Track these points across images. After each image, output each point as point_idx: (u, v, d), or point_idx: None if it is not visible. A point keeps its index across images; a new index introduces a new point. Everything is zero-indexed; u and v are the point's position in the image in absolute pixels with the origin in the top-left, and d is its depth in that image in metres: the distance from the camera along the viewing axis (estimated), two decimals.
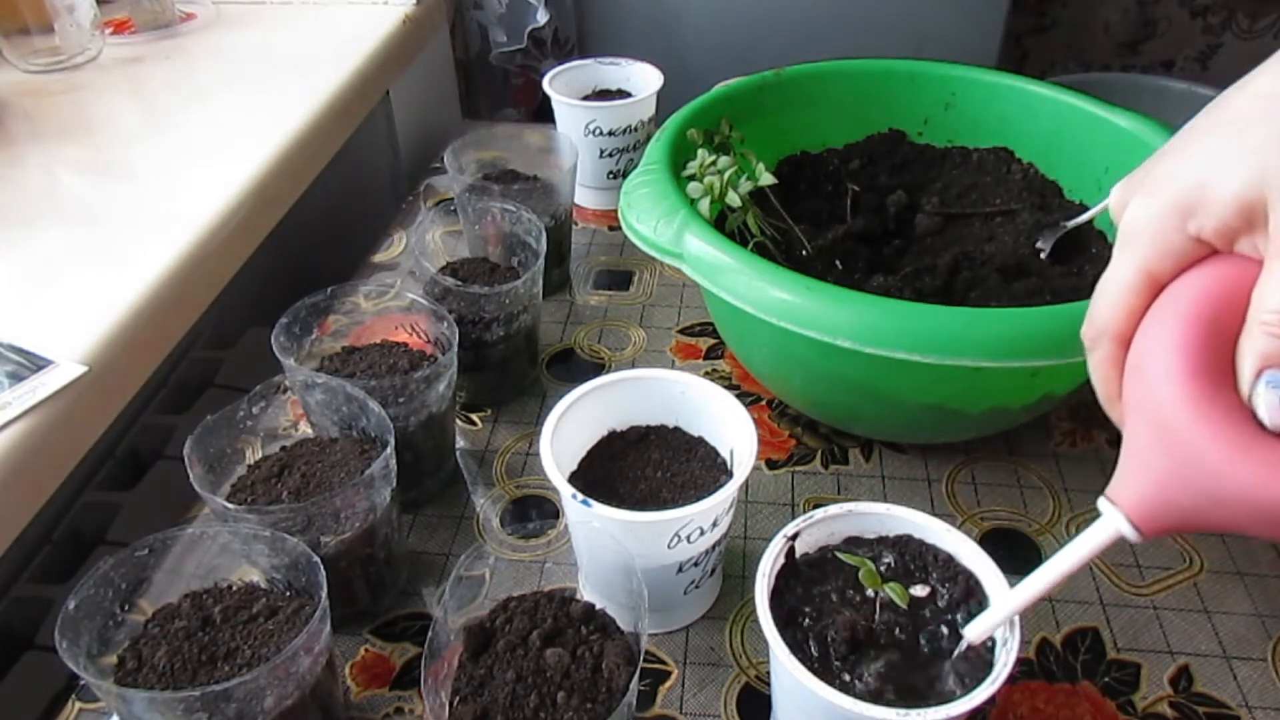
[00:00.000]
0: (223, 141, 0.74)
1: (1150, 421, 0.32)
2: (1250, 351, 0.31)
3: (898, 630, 0.41)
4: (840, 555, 0.43)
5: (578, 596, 0.45)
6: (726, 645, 0.51)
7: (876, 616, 0.41)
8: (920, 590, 0.42)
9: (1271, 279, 0.30)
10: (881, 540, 0.45)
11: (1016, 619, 0.39)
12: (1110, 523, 0.33)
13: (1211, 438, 0.30)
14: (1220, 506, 0.30)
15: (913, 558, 0.44)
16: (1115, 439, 0.63)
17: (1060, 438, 0.64)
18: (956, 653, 0.40)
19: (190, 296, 0.62)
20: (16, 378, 0.51)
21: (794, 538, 0.43)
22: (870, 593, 0.42)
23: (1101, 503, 0.34)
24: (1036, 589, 0.37)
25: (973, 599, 0.42)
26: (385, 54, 0.91)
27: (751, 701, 0.48)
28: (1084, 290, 0.60)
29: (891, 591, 0.40)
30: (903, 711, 0.36)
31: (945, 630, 0.41)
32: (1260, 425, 0.30)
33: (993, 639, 0.41)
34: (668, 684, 0.49)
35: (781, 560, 0.43)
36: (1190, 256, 0.33)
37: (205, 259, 0.63)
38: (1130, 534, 0.33)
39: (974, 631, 0.39)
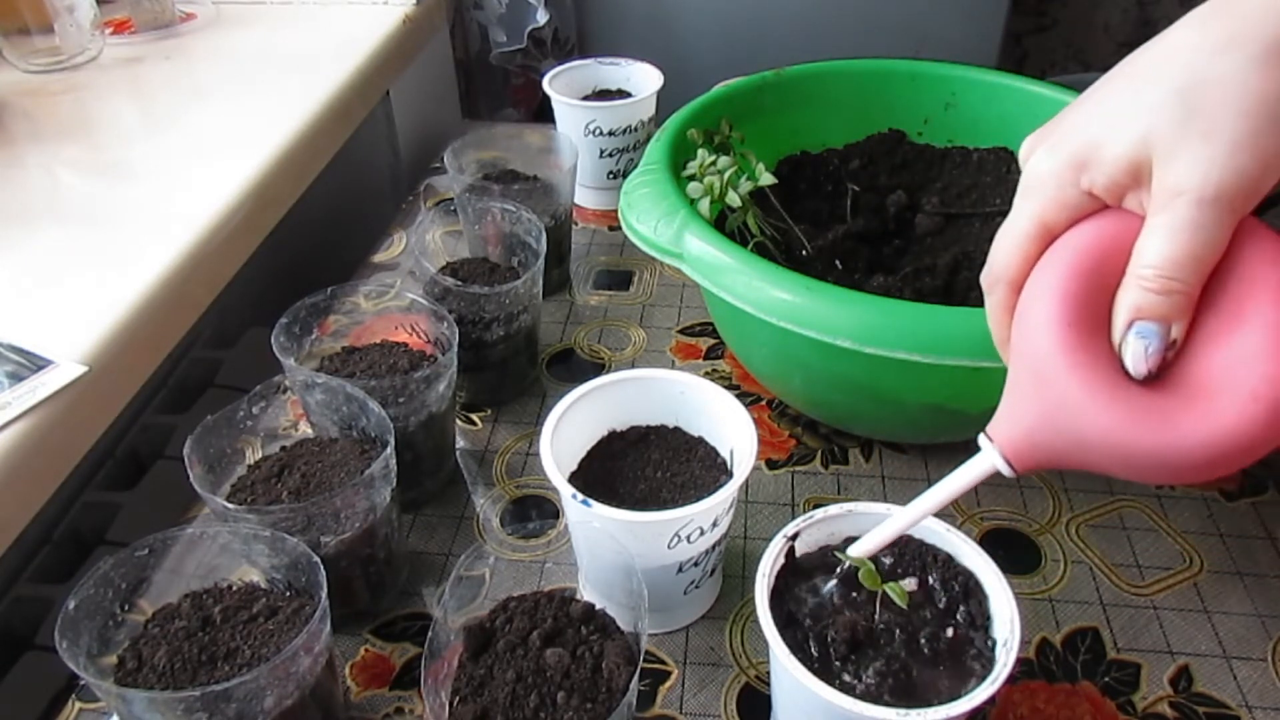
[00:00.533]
0: (223, 141, 0.74)
1: (1028, 365, 0.33)
2: (1124, 303, 0.32)
3: (898, 630, 0.41)
4: (840, 555, 0.43)
5: (578, 596, 0.45)
6: (726, 645, 0.51)
7: (876, 616, 0.41)
8: (910, 584, 0.42)
9: (1149, 236, 0.32)
10: None
11: (1016, 621, 0.39)
12: (987, 458, 0.36)
13: (1079, 383, 0.32)
14: (1084, 448, 0.32)
15: (913, 557, 0.44)
16: None
17: None
18: (841, 571, 0.42)
19: (190, 296, 0.62)
20: (16, 378, 0.51)
21: (794, 538, 0.43)
22: (870, 593, 0.42)
23: (981, 438, 0.36)
24: (919, 512, 0.40)
25: (972, 599, 0.42)
26: (385, 54, 0.91)
27: (751, 701, 0.48)
28: None
29: (891, 591, 0.40)
30: (902, 711, 0.36)
31: (946, 631, 0.41)
32: (1127, 374, 0.32)
33: (993, 639, 0.41)
34: (668, 684, 0.49)
35: (781, 560, 0.43)
36: (1083, 210, 0.34)
37: (205, 259, 0.63)
38: (1005, 469, 0.35)
39: (858, 550, 0.41)
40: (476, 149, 0.79)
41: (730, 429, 0.51)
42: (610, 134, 0.85)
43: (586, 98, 0.89)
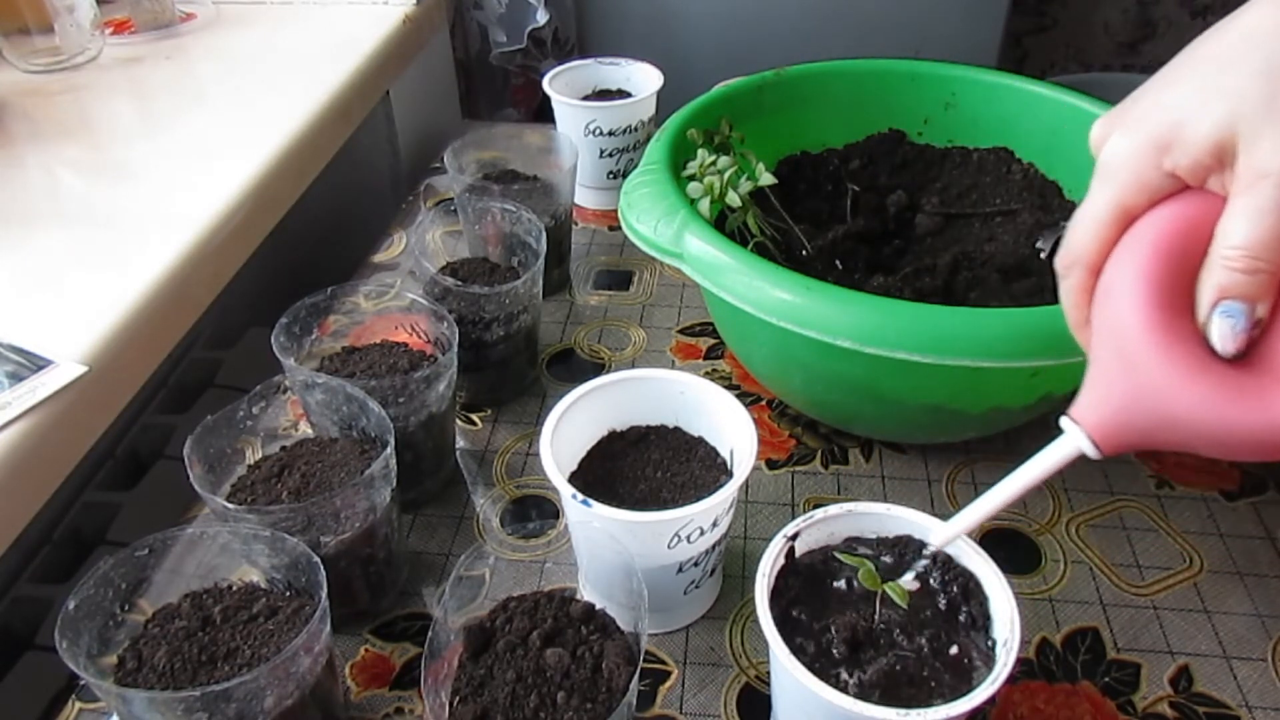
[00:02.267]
0: (223, 141, 0.74)
1: (1113, 346, 0.34)
2: (1209, 283, 0.32)
3: (897, 631, 0.41)
4: (840, 556, 0.43)
5: (578, 596, 0.45)
6: (726, 645, 0.51)
7: (876, 616, 0.41)
8: (910, 583, 0.42)
9: (1233, 216, 0.32)
10: (881, 541, 0.45)
11: (1017, 621, 0.39)
12: (1072, 440, 0.35)
13: (1168, 363, 0.32)
14: (1172, 427, 0.32)
15: (913, 557, 0.44)
16: None
17: None
18: (921, 563, 0.42)
19: (190, 296, 0.62)
20: (17, 378, 0.51)
21: (794, 538, 0.43)
22: (870, 593, 0.42)
23: (1065, 421, 0.36)
24: (998, 502, 0.39)
25: (973, 599, 0.42)
26: (385, 54, 0.91)
27: (751, 701, 0.48)
28: None
29: (891, 591, 0.40)
30: (903, 711, 0.36)
31: (946, 632, 0.41)
32: (1213, 353, 0.32)
33: (993, 639, 0.41)
34: (668, 684, 0.49)
35: (782, 561, 0.43)
36: (1163, 191, 0.34)
37: (205, 259, 0.63)
38: (1091, 451, 0.35)
39: (938, 538, 0.41)
40: (476, 149, 0.79)
41: (730, 429, 0.51)
42: (610, 134, 0.85)
43: (586, 98, 0.89)
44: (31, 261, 0.61)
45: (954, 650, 0.40)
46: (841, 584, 0.43)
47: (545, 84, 0.85)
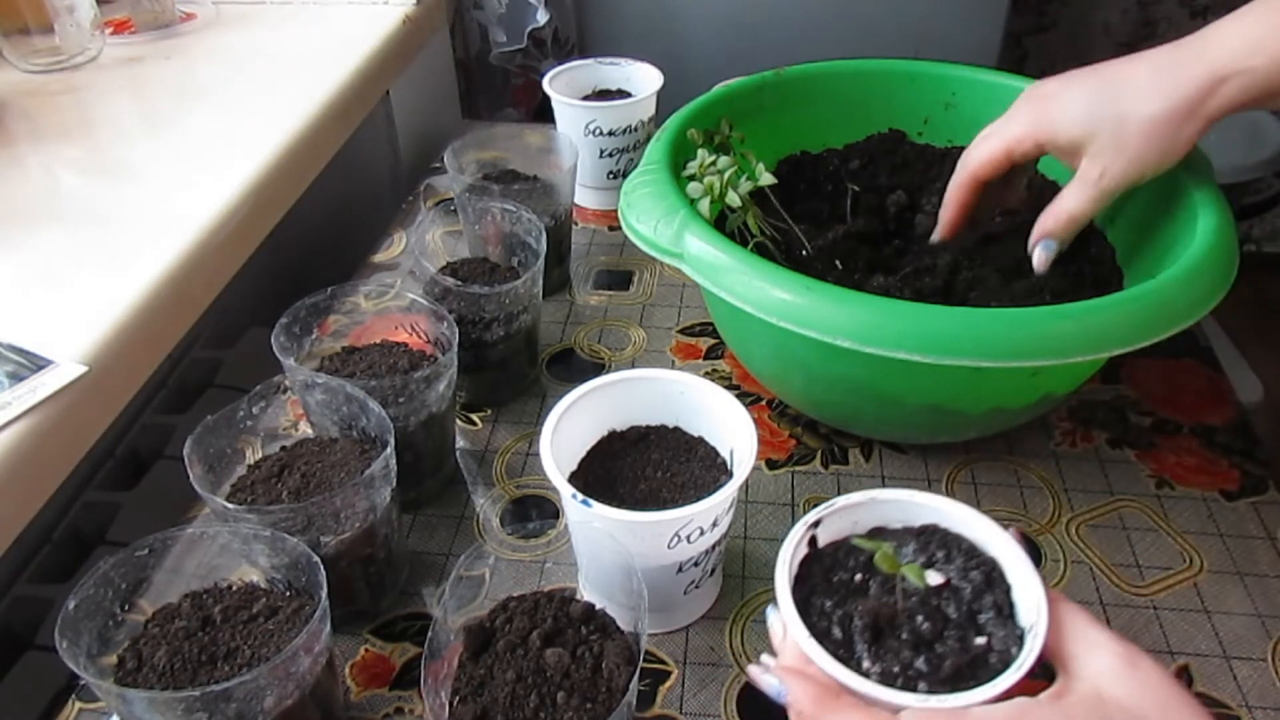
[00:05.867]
0: (223, 141, 0.74)
1: None
2: (1041, 225, 0.56)
3: (920, 617, 0.40)
4: (858, 542, 0.42)
5: (578, 596, 0.45)
6: (726, 645, 0.51)
7: (899, 603, 0.41)
8: (936, 578, 0.41)
9: (1070, 191, 0.54)
10: (906, 530, 0.43)
11: (1044, 607, 0.38)
12: None
13: None
14: None
15: (938, 546, 0.42)
16: (1115, 439, 0.63)
17: (1060, 438, 0.64)
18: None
19: (190, 296, 0.62)
20: (17, 377, 0.51)
21: (816, 525, 0.42)
22: (893, 581, 0.41)
23: None
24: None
25: (996, 588, 0.41)
26: (385, 54, 0.91)
27: (751, 701, 0.48)
28: (1084, 290, 0.60)
29: (909, 573, 0.39)
30: (923, 696, 0.36)
31: (970, 619, 0.40)
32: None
33: (1020, 628, 0.40)
34: (668, 684, 0.49)
35: (804, 550, 0.42)
36: (1034, 155, 0.57)
37: (205, 259, 0.63)
38: None
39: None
40: (476, 149, 0.79)
41: (730, 429, 0.51)
42: (610, 134, 0.85)
43: (586, 98, 0.89)
44: (31, 261, 0.61)
45: (979, 639, 0.40)
46: (864, 575, 0.42)
47: (545, 84, 0.85)
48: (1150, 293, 0.49)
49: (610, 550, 0.44)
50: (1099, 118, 0.51)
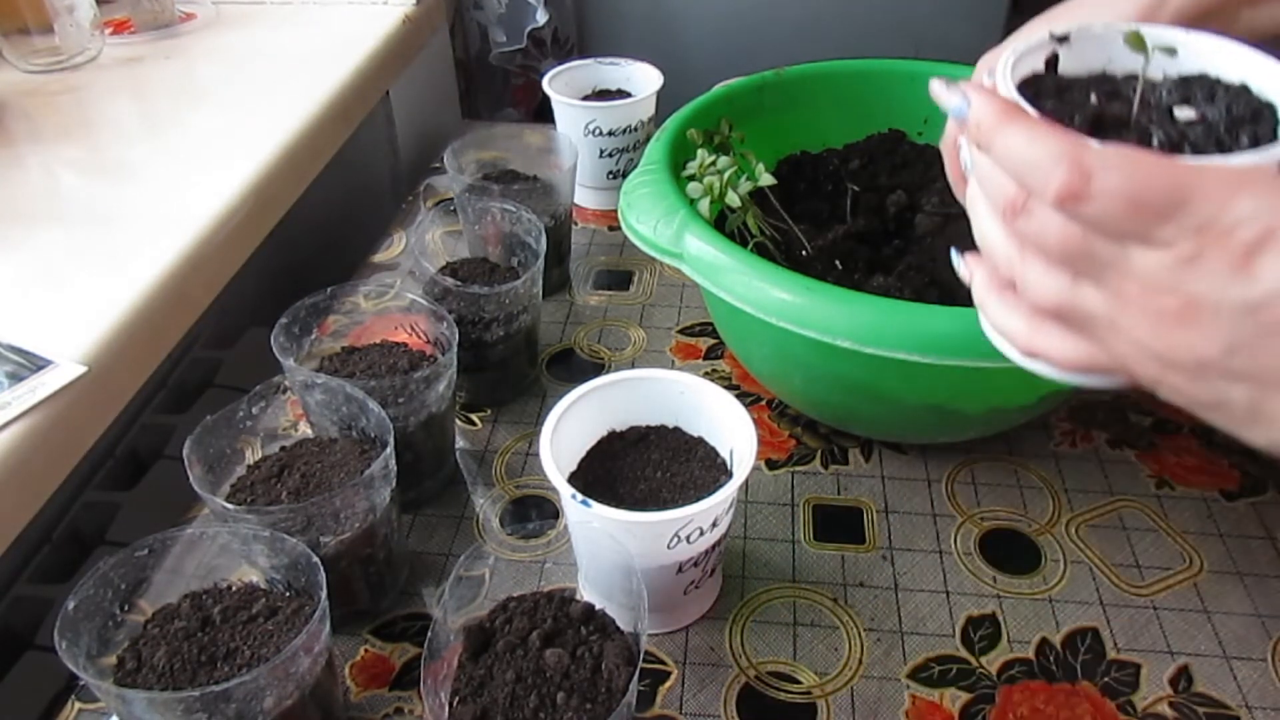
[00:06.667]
0: (223, 141, 0.74)
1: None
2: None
3: (1157, 130, 0.33)
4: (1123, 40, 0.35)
5: (577, 597, 0.45)
6: (726, 645, 0.51)
7: (1134, 112, 0.34)
8: (1189, 113, 0.34)
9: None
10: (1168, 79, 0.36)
11: None
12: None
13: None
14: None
15: (1207, 91, 0.35)
16: (1115, 439, 0.63)
17: (1060, 438, 0.64)
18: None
19: (190, 297, 0.62)
20: (16, 378, 0.51)
21: (1063, 40, 0.36)
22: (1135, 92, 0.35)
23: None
24: None
25: (1262, 123, 0.33)
26: (385, 54, 0.91)
27: (751, 702, 0.48)
28: None
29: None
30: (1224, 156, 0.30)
31: (1215, 146, 0.33)
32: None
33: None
34: (667, 684, 0.49)
35: (1039, 66, 0.35)
36: None
37: (205, 259, 0.63)
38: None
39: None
40: (476, 149, 0.79)
41: (730, 429, 0.51)
42: (610, 134, 0.85)
43: (586, 98, 0.89)
44: (31, 261, 0.61)
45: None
46: (1102, 98, 0.35)
47: (545, 84, 0.85)
48: None
49: (610, 550, 0.44)
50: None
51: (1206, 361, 0.30)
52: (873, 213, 0.71)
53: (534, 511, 0.60)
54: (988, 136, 0.32)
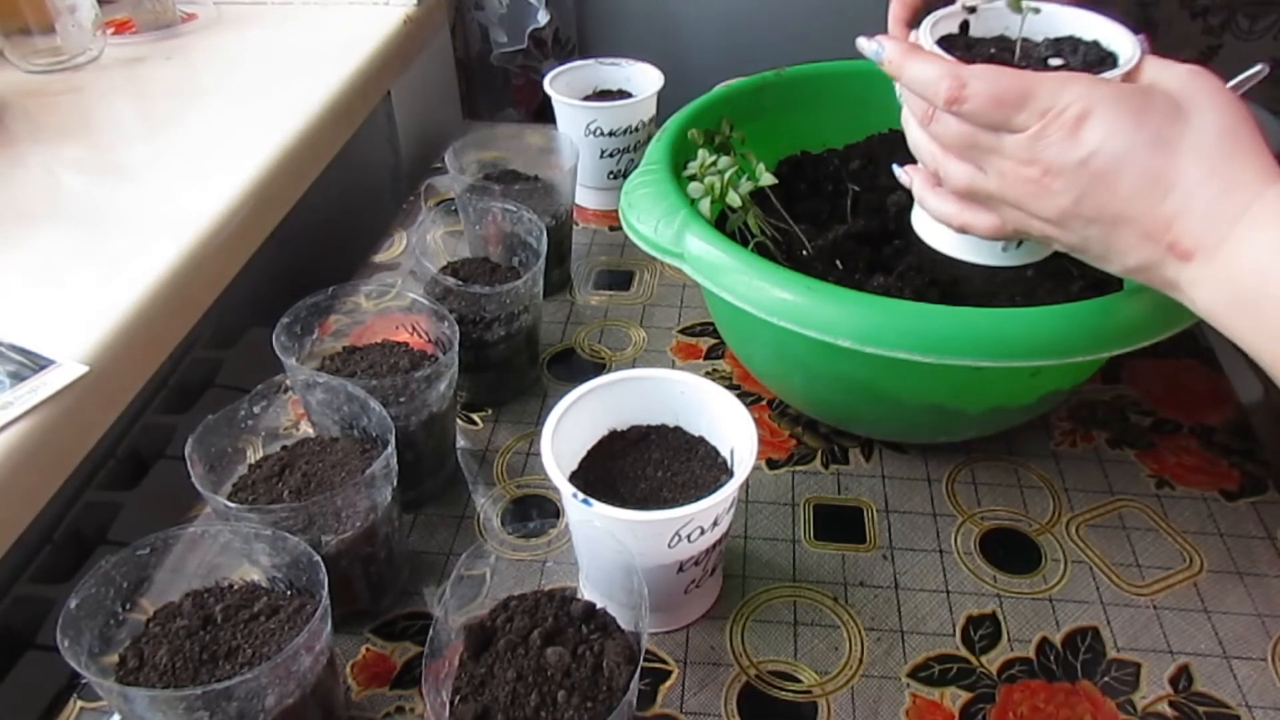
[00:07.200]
0: (224, 142, 0.74)
1: None
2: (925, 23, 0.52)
3: (1029, 68, 0.43)
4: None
5: (578, 596, 0.45)
6: (727, 645, 0.51)
7: (1017, 58, 0.47)
8: (1057, 61, 0.47)
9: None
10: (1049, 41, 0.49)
11: (1141, 45, 0.46)
12: None
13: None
14: None
15: (1071, 46, 0.48)
16: (1115, 439, 0.63)
17: (1060, 438, 0.64)
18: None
19: (191, 296, 0.62)
20: (18, 377, 0.51)
21: (973, 10, 0.48)
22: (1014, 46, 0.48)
23: None
24: None
25: (1105, 65, 0.45)
26: (386, 54, 0.91)
27: (752, 701, 0.48)
28: (1074, 284, 0.60)
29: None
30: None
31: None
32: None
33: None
34: (668, 683, 0.49)
35: (954, 29, 0.48)
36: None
37: (206, 259, 0.63)
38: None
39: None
40: (477, 149, 0.79)
41: (730, 429, 0.51)
42: (611, 134, 0.85)
43: (587, 98, 0.89)
44: (33, 261, 0.61)
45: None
46: (997, 52, 0.47)
47: (546, 84, 0.85)
48: (1150, 292, 0.49)
49: (611, 549, 0.44)
50: None
51: (1066, 211, 0.41)
52: (873, 213, 0.71)
53: (535, 511, 0.60)
54: (898, 68, 0.44)
